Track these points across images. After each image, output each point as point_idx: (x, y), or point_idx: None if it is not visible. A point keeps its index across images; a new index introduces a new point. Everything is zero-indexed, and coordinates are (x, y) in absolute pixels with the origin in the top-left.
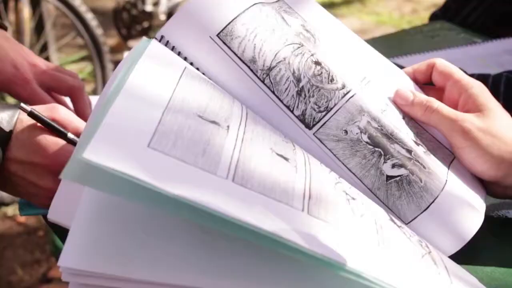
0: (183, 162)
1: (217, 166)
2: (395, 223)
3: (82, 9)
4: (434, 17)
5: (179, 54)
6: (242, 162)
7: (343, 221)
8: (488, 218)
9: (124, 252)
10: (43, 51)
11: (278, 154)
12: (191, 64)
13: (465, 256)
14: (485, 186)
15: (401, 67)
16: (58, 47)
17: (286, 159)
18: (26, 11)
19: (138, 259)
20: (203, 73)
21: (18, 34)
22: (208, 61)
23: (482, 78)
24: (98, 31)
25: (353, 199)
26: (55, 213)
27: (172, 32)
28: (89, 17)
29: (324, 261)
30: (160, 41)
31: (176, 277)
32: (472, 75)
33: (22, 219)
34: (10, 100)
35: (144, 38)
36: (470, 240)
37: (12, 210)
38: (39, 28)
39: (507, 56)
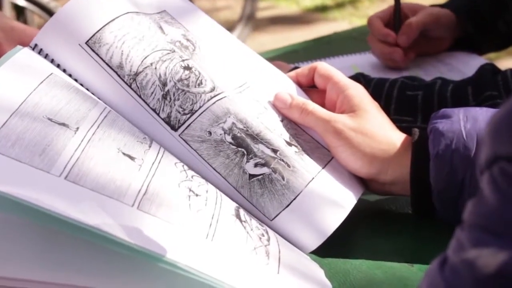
0: (18, 161)
1: (52, 165)
2: (238, 218)
3: None
4: None
5: (52, 61)
6: (81, 161)
7: (175, 215)
8: (370, 213)
9: None
10: None
11: (124, 154)
12: (64, 70)
13: (342, 248)
14: (365, 183)
15: None
16: None
17: (132, 158)
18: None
19: None
20: (76, 79)
21: None
22: (78, 67)
23: (381, 82)
24: None
25: (196, 195)
26: None
27: (45, 40)
28: None
29: (142, 253)
30: (34, 49)
31: (15, 271)
32: (372, 79)
33: None
34: None
35: (18, 46)
36: (347, 234)
37: None
38: None
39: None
